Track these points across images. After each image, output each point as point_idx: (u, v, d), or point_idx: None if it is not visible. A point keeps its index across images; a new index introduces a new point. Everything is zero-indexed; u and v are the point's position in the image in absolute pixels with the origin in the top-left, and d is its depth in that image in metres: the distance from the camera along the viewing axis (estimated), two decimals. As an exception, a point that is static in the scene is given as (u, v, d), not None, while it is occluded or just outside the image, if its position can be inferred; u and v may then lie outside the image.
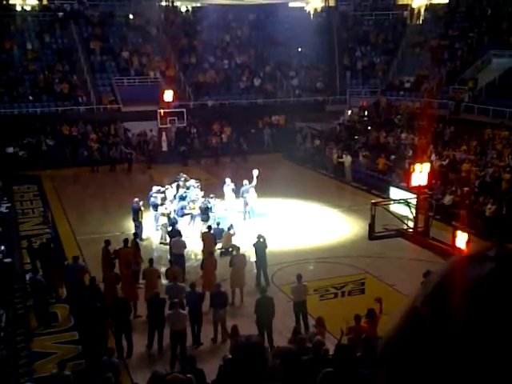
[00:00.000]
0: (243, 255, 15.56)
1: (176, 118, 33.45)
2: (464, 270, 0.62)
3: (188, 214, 20.36)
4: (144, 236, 19.56)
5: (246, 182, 21.60)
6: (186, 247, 16.84)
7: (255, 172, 21.75)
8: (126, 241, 15.90)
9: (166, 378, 5.27)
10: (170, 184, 21.70)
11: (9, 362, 11.98)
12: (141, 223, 19.59)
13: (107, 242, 15.92)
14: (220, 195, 21.29)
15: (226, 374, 5.97)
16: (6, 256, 16.77)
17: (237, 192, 21.53)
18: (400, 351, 0.61)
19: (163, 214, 19.82)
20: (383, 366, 0.63)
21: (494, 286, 0.58)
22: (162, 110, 33.02)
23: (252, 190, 21.37)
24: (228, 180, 21.92)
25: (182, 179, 21.97)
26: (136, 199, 19.72)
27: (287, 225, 21.13)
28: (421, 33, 39.06)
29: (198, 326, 13.16)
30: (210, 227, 17.76)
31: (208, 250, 16.39)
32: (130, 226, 20.42)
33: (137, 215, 19.57)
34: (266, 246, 16.12)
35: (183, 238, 17.06)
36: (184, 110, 33.71)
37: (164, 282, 14.91)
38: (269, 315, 12.72)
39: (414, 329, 0.61)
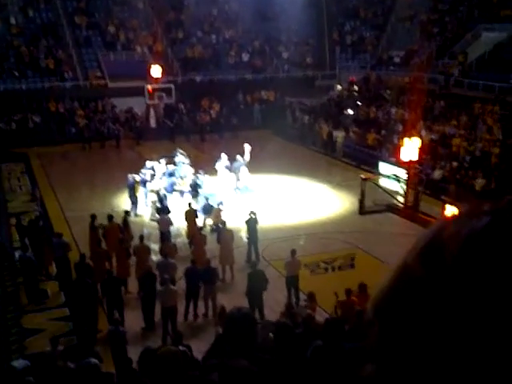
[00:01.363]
0: (230, 231, 15.51)
1: (164, 94, 33.12)
2: (458, 224, 0.61)
3: (178, 190, 20.28)
4: (138, 212, 19.53)
5: (238, 157, 21.50)
6: (172, 224, 16.79)
7: (247, 147, 21.64)
8: (110, 217, 15.82)
9: (159, 351, 5.24)
10: (159, 160, 21.54)
11: (0, 338, 11.96)
12: (137, 198, 19.53)
13: (93, 217, 15.82)
14: (209, 171, 21.19)
15: (217, 347, 5.95)
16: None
17: (229, 168, 21.45)
18: (393, 306, 0.61)
19: (152, 191, 19.71)
20: (375, 322, 0.63)
21: (490, 239, 0.57)
22: (149, 86, 32.67)
23: (244, 167, 21.30)
24: (223, 156, 21.78)
25: (178, 154, 21.85)
26: (130, 175, 19.63)
27: (278, 201, 21.11)
28: (410, 7, 38.74)
29: (195, 301, 13.22)
30: (190, 204, 17.72)
31: (192, 227, 16.35)
32: (120, 203, 20.33)
33: (133, 190, 19.52)
34: (257, 222, 16.11)
35: (171, 215, 17.01)
36: (172, 85, 33.36)
37: (154, 258, 14.89)
38: (260, 289, 12.75)
39: (406, 283, 0.61)
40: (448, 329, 0.55)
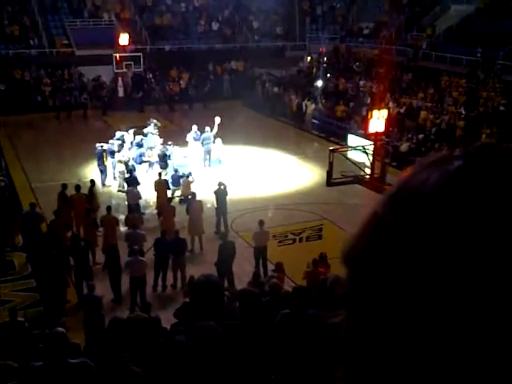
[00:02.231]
0: (200, 202, 15.53)
1: (132, 63, 32.64)
2: (429, 170, 0.59)
3: (146, 161, 20.17)
4: (106, 182, 19.40)
5: (207, 128, 21.42)
6: (140, 197, 16.71)
7: (217, 120, 21.56)
8: (77, 187, 15.73)
9: (129, 316, 5.31)
10: (128, 130, 21.33)
11: (-35, 310, 11.86)
12: (105, 167, 19.37)
13: (64, 186, 15.70)
14: (179, 142, 21.08)
15: (185, 314, 6.06)
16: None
17: (198, 139, 21.38)
18: (364, 253, 0.60)
19: (120, 161, 19.54)
20: (347, 269, 0.63)
21: (464, 181, 0.56)
22: (117, 54, 32.11)
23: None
24: (194, 127, 21.67)
25: (152, 124, 21.66)
26: (99, 144, 19.43)
27: (247, 172, 21.17)
28: (381, -22, 38.64)
29: (164, 272, 13.28)
30: (160, 174, 17.66)
31: (162, 198, 16.35)
32: (87, 173, 20.14)
33: (101, 160, 19.35)
34: (226, 194, 16.14)
35: (139, 187, 16.91)
36: (140, 54, 32.87)
37: (123, 229, 14.87)
38: (229, 259, 12.89)
39: (376, 231, 0.60)
40: (419, 276, 0.54)
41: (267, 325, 5.52)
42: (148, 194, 17.67)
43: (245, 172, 21.15)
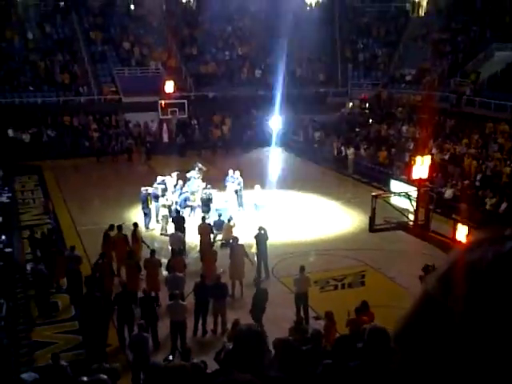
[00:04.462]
0: (242, 246, 15.52)
1: (177, 109, 33.41)
2: (481, 250, 0.59)
3: (190, 205, 20.39)
4: (150, 226, 19.67)
5: (236, 174, 21.81)
6: (183, 241, 16.87)
7: (232, 172, 21.78)
8: (119, 227, 16.12)
9: (167, 365, 5.29)
10: (171, 174, 21.67)
11: (9, 350, 12.04)
12: (150, 210, 19.68)
13: (111, 227, 16.04)
14: (218, 186, 21.33)
15: (226, 363, 5.99)
16: (6, 246, 16.81)
17: (233, 183, 21.65)
18: (416, 333, 0.60)
19: (164, 206, 19.81)
20: (399, 349, 0.62)
21: None
22: (162, 101, 32.97)
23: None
24: (230, 172, 21.96)
25: (197, 168, 22.04)
26: (143, 188, 19.81)
27: (288, 217, 21.13)
28: (423, 25, 38.92)
29: (204, 316, 13.22)
30: (204, 218, 17.79)
31: (206, 242, 16.42)
32: (131, 216, 20.45)
33: (146, 203, 19.67)
34: (267, 238, 16.11)
35: (180, 233, 17.06)
36: (185, 101, 33.65)
37: (164, 273, 14.93)
38: (262, 307, 12.74)
39: (428, 310, 0.60)
40: (473, 356, 0.53)
41: (309, 376, 5.41)
42: (190, 238, 17.78)
43: (286, 217, 21.11)
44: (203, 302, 13.16)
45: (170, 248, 16.74)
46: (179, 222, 17.50)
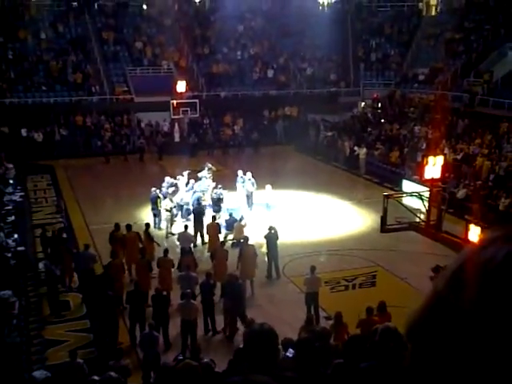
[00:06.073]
0: (253, 246, 15.49)
1: (189, 109, 33.45)
2: (493, 249, 0.60)
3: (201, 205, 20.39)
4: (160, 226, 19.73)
5: (240, 173, 21.87)
6: (192, 240, 16.92)
7: (241, 173, 21.85)
8: (128, 226, 16.19)
9: (177, 365, 5.28)
10: (182, 173, 21.71)
11: (21, 349, 12.10)
12: (159, 211, 19.72)
13: (117, 227, 16.10)
14: (229, 186, 21.34)
15: (238, 362, 5.98)
16: (19, 244, 16.92)
17: (243, 183, 21.68)
18: (425, 331, 0.61)
19: (175, 206, 19.88)
20: (411, 345, 0.63)
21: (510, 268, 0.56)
22: (174, 101, 33.02)
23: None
24: (240, 172, 21.98)
25: (207, 168, 22.08)
26: (153, 188, 19.85)
27: (299, 216, 21.10)
28: (436, 25, 38.70)
29: (211, 315, 13.20)
30: (214, 217, 17.81)
31: (215, 241, 16.43)
32: (143, 216, 20.50)
33: (155, 204, 19.71)
34: (277, 238, 16.09)
35: (189, 232, 17.10)
36: (197, 100, 33.69)
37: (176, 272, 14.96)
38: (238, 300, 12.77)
39: (436, 308, 0.61)
40: (483, 355, 0.54)
41: (321, 376, 5.38)
42: (202, 236, 17.78)
43: (297, 216, 21.08)
44: (207, 300, 13.11)
45: (179, 247, 16.78)
46: (200, 213, 17.68)
